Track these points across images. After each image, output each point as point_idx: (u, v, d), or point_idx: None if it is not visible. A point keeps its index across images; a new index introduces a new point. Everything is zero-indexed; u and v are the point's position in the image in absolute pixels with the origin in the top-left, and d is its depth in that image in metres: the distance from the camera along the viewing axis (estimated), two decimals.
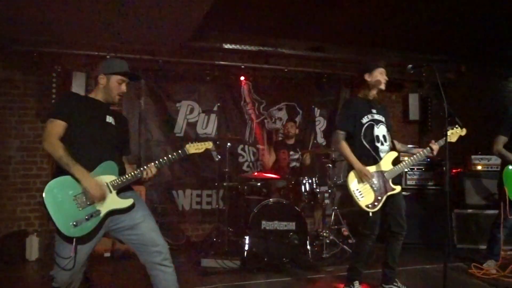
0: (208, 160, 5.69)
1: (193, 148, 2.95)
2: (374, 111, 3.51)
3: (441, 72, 6.48)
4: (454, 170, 5.64)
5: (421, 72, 3.38)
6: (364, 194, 3.35)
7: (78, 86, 5.00)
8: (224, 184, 5.05)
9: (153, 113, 5.69)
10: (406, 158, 3.52)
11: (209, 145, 3.04)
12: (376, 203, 3.34)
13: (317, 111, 6.43)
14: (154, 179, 5.07)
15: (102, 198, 2.42)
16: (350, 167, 3.44)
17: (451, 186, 5.56)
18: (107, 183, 2.48)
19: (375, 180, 3.35)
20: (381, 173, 3.40)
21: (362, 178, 3.35)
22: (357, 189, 3.35)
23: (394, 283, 3.58)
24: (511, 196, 4.16)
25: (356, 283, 3.54)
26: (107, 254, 4.62)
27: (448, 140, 3.35)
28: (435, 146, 3.47)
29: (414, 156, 3.52)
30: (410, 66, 3.40)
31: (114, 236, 2.63)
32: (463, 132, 3.55)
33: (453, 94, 6.51)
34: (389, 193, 3.38)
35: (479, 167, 5.55)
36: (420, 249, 5.09)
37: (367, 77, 3.51)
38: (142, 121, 5.62)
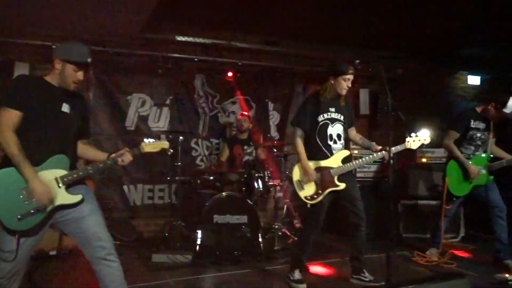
0: (160, 155, 5.56)
1: (149, 146, 2.91)
2: (332, 109, 3.66)
3: (391, 68, 6.81)
4: (401, 163, 5.90)
5: (368, 68, 3.48)
6: (305, 186, 3.57)
7: None
8: (177, 178, 5.01)
9: (103, 106, 5.54)
10: (356, 161, 3.65)
11: (165, 144, 3.00)
12: (315, 196, 3.55)
13: (271, 105, 6.50)
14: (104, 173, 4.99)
15: (49, 202, 2.37)
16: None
17: (399, 178, 5.86)
18: (56, 178, 2.42)
19: (318, 176, 3.54)
20: (328, 169, 3.57)
21: (304, 174, 3.55)
22: (299, 180, 3.59)
23: (362, 274, 3.73)
24: (451, 189, 4.41)
25: (297, 271, 3.69)
26: (53, 252, 4.48)
27: (410, 146, 3.60)
28: (387, 154, 3.49)
29: (366, 158, 3.67)
30: (357, 61, 3.50)
31: (59, 228, 2.58)
32: (427, 141, 3.64)
33: (402, 89, 6.81)
34: (331, 189, 3.56)
35: (424, 160, 5.85)
36: (369, 239, 5.28)
37: (331, 79, 3.64)
38: (90, 115, 5.44)
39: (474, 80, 7.55)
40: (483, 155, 4.40)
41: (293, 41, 6.19)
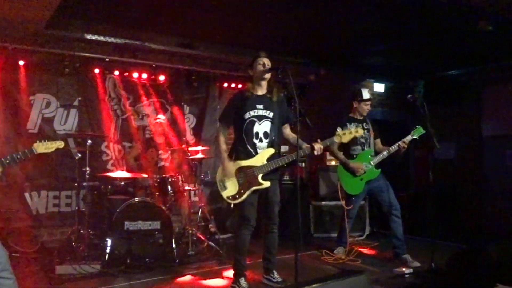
0: (67, 158, 5.34)
1: (42, 147, 2.81)
2: (260, 106, 3.62)
3: (303, 74, 7.13)
4: (313, 166, 6.19)
5: (277, 73, 3.59)
6: (227, 186, 3.58)
7: None
8: (85, 184, 4.80)
9: (1, 107, 5.11)
10: (279, 159, 3.62)
11: (60, 144, 2.90)
12: (237, 196, 3.55)
13: (186, 108, 6.45)
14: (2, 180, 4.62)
15: None
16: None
17: (309, 180, 6.13)
18: None
19: (241, 175, 3.55)
20: (251, 168, 3.57)
21: (223, 173, 3.58)
22: (221, 181, 3.60)
23: (271, 275, 3.81)
24: (346, 189, 4.78)
25: (242, 280, 3.66)
26: None
27: (341, 140, 3.68)
28: (318, 145, 3.55)
29: (289, 156, 3.67)
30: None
31: None
32: (359, 133, 3.76)
33: (313, 94, 7.17)
34: (254, 188, 3.57)
35: (333, 163, 6.17)
36: (281, 240, 5.48)
37: (250, 72, 3.69)
38: None
39: (379, 87, 8.12)
40: (366, 151, 4.77)
41: (209, 44, 6.19)
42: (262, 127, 3.63)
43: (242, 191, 3.56)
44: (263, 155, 3.61)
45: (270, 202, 3.69)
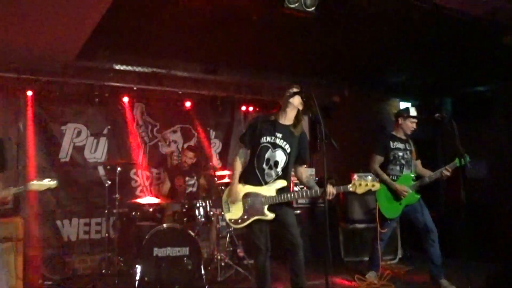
0: (97, 186, 5.44)
1: (35, 185, 3.27)
2: (279, 135, 3.52)
3: (327, 95, 7.09)
4: None
5: (302, 97, 3.57)
6: (232, 209, 3.51)
7: None
8: (115, 211, 4.86)
9: (34, 137, 5.26)
10: (290, 194, 3.52)
11: (52, 185, 3.38)
12: (240, 221, 3.49)
13: (212, 133, 6.50)
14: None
15: None
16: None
17: (338, 203, 6.02)
18: None
19: (248, 201, 3.48)
20: (259, 196, 3.49)
21: (229, 194, 3.53)
22: (227, 202, 3.55)
23: None
24: (383, 211, 4.56)
25: None
26: None
27: (353, 190, 3.54)
28: (331, 189, 3.39)
29: (302, 192, 3.53)
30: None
31: None
32: (375, 187, 3.56)
33: (338, 116, 7.09)
34: (257, 217, 3.47)
35: None
36: (312, 264, 5.34)
37: (280, 100, 3.64)
38: (20, 147, 5.16)
39: (405, 106, 7.96)
40: (409, 174, 4.56)
41: (232, 68, 6.26)
42: (275, 155, 3.52)
43: (246, 217, 3.48)
44: (274, 186, 3.52)
45: (285, 225, 3.52)
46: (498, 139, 7.01)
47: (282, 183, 3.54)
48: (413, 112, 4.62)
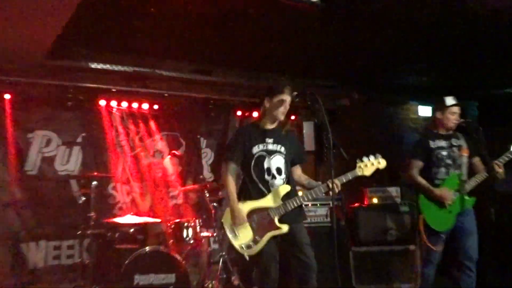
0: (69, 203, 5.40)
1: None
2: (269, 140, 3.60)
3: (334, 98, 7.11)
4: (350, 205, 6.04)
5: (306, 100, 3.59)
6: (239, 233, 3.44)
7: None
8: (89, 232, 4.82)
9: None
10: (299, 197, 3.56)
11: None
12: (252, 244, 3.42)
13: (203, 142, 6.50)
14: None
15: None
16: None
17: (347, 221, 5.99)
18: None
19: (254, 219, 3.45)
20: (265, 209, 3.48)
21: (232, 217, 3.45)
22: (231, 227, 3.46)
23: None
24: (432, 224, 4.30)
25: None
26: None
27: (361, 173, 3.60)
28: (336, 182, 3.47)
29: (311, 192, 3.57)
30: (295, 93, 3.63)
31: None
32: (382, 164, 3.67)
33: (347, 122, 7.11)
34: (271, 233, 3.44)
35: (375, 200, 6.02)
36: None
37: (266, 102, 3.63)
38: None
39: (425, 111, 7.99)
40: (455, 174, 4.37)
41: (227, 68, 6.27)
42: (274, 162, 3.58)
43: (258, 238, 3.43)
44: (277, 193, 3.53)
45: (297, 244, 3.51)
46: None
47: (285, 188, 3.56)
48: (450, 101, 4.43)
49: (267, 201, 3.51)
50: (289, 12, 4.19)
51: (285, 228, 3.47)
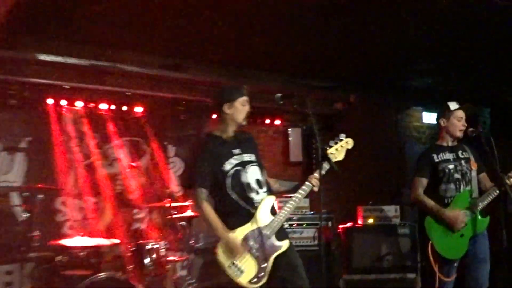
0: (8, 219, 5.35)
1: None
2: (237, 151, 3.58)
3: (327, 102, 7.12)
4: (342, 225, 6.02)
5: (292, 104, 3.58)
6: (244, 268, 3.35)
7: None
8: (32, 255, 4.76)
9: None
10: (287, 205, 3.52)
11: None
12: (261, 274, 3.36)
13: (171, 150, 6.48)
14: None
15: None
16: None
17: (339, 246, 5.98)
18: None
19: (252, 245, 3.39)
20: (258, 230, 3.43)
21: (231, 251, 3.36)
22: (232, 263, 3.35)
23: None
24: (442, 252, 4.24)
25: None
26: None
27: (336, 158, 3.59)
28: (314, 179, 3.53)
29: (296, 196, 3.55)
30: (278, 95, 3.59)
31: None
32: (350, 144, 3.71)
33: (341, 128, 7.08)
34: (275, 255, 3.42)
35: (371, 221, 6.01)
36: None
37: (226, 109, 3.58)
38: None
39: (429, 117, 8.08)
40: (465, 191, 4.34)
41: (202, 64, 6.30)
42: (250, 175, 3.56)
43: (264, 265, 3.39)
44: (263, 208, 3.50)
45: (291, 266, 3.50)
46: None
47: (270, 200, 3.57)
48: (455, 105, 4.42)
49: (258, 221, 3.46)
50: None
51: (285, 244, 3.49)
